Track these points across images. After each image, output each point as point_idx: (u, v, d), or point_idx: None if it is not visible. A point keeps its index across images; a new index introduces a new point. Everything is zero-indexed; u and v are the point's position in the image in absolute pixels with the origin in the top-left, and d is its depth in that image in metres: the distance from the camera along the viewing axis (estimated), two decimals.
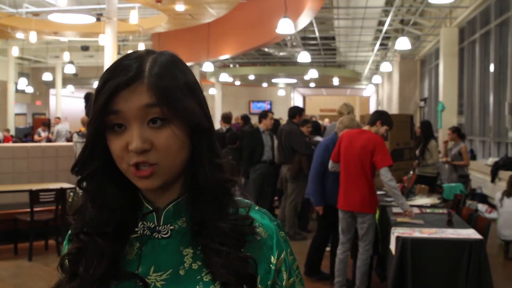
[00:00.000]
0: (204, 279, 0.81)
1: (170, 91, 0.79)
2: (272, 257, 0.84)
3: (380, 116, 4.39)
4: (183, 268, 0.83)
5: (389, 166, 4.20)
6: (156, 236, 0.85)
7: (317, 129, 8.09)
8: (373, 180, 4.32)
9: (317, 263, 5.10)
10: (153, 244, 0.85)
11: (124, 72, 0.79)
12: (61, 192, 5.70)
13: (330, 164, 4.54)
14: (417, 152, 6.96)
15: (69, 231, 0.89)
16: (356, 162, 4.24)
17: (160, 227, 0.85)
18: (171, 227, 0.85)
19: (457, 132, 7.80)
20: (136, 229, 0.86)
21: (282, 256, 0.85)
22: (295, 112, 6.97)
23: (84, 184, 0.86)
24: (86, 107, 4.54)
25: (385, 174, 4.16)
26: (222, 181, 0.84)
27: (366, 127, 4.39)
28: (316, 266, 5.10)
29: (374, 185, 4.37)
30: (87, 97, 4.53)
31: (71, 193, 4.95)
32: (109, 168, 0.83)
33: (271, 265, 0.84)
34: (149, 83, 0.79)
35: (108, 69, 0.82)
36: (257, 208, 0.89)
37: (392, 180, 4.18)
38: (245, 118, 9.64)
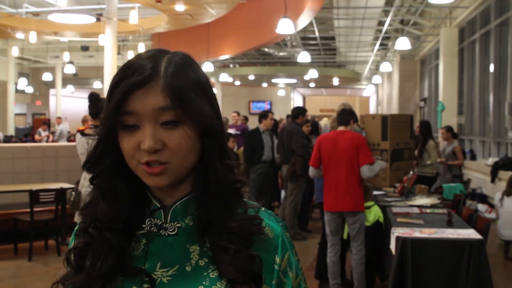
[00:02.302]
0: (211, 275, 0.82)
1: (184, 92, 0.80)
2: (277, 257, 0.85)
3: (351, 115, 4.48)
4: (190, 264, 0.83)
5: (370, 164, 4.25)
6: (163, 233, 0.86)
7: (316, 128, 8.08)
8: (361, 178, 4.35)
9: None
10: (159, 241, 0.85)
11: (139, 72, 0.80)
12: (61, 192, 5.70)
13: (311, 170, 4.48)
14: (416, 152, 6.97)
15: (76, 226, 0.90)
16: (345, 163, 4.26)
17: (167, 224, 0.86)
18: (178, 225, 0.85)
19: (451, 132, 7.82)
20: (143, 226, 0.87)
21: (286, 256, 0.86)
22: (298, 112, 6.98)
23: (96, 181, 0.87)
24: (90, 106, 4.54)
25: (366, 173, 4.23)
26: (232, 182, 0.85)
27: (341, 128, 4.42)
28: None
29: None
30: (91, 97, 4.52)
31: (72, 192, 4.95)
32: (119, 165, 0.84)
33: (275, 265, 0.84)
34: (164, 83, 0.79)
35: (122, 67, 0.82)
36: (263, 209, 0.90)
37: (372, 172, 4.26)
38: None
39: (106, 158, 0.85)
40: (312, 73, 17.09)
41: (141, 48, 12.55)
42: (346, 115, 4.46)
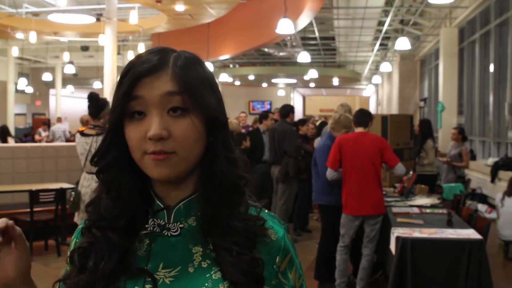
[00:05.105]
0: (214, 277, 0.82)
1: (193, 83, 0.82)
2: (278, 258, 0.85)
3: (370, 117, 4.48)
4: (192, 265, 0.83)
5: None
6: (166, 234, 0.86)
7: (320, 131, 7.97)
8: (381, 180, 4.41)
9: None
10: (162, 241, 0.86)
11: (148, 62, 0.81)
12: (61, 192, 5.70)
13: (330, 172, 4.42)
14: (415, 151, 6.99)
15: (80, 225, 0.91)
16: (369, 165, 4.27)
17: (170, 225, 0.86)
18: (181, 225, 0.86)
19: (462, 134, 7.82)
20: (146, 226, 0.87)
21: (287, 258, 0.86)
22: (288, 110, 6.84)
23: (102, 175, 0.88)
24: (89, 106, 4.53)
25: (402, 169, 4.33)
26: (236, 176, 0.86)
27: (360, 129, 4.41)
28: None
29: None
30: (91, 97, 4.52)
31: (72, 193, 4.95)
32: (125, 160, 0.85)
33: (274, 266, 0.85)
34: (173, 73, 0.81)
35: (131, 61, 0.84)
36: (266, 211, 0.90)
37: (404, 169, 4.42)
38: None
39: (112, 151, 0.85)
40: (312, 73, 17.08)
41: (141, 48, 12.55)
42: (364, 116, 4.45)
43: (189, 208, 0.86)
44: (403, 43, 9.44)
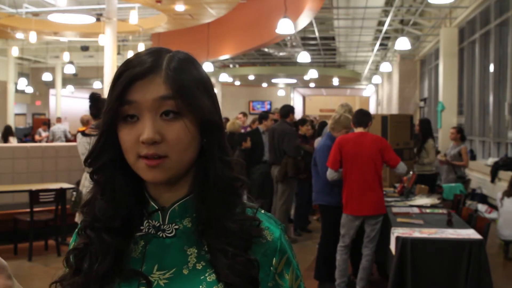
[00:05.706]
0: (208, 279, 0.81)
1: (186, 85, 0.81)
2: (274, 260, 0.84)
3: (369, 117, 4.48)
4: (187, 267, 0.83)
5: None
6: (161, 235, 0.85)
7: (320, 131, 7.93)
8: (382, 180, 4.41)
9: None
10: (157, 243, 0.85)
11: (141, 64, 0.81)
12: (61, 192, 5.70)
13: (330, 173, 4.41)
14: (415, 150, 6.97)
15: (79, 225, 0.90)
16: (370, 165, 4.27)
17: (165, 226, 0.85)
18: (176, 227, 0.85)
19: (461, 133, 7.82)
20: (141, 227, 0.86)
21: (283, 259, 0.85)
22: (288, 110, 6.81)
23: (96, 176, 0.87)
24: (91, 107, 4.54)
25: (403, 168, 4.34)
26: (232, 179, 0.85)
27: (360, 129, 4.41)
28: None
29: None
30: (92, 97, 4.53)
31: (73, 193, 4.95)
32: (119, 162, 0.84)
33: (271, 268, 0.84)
34: (166, 76, 0.80)
35: (124, 62, 0.83)
36: (263, 211, 0.89)
37: (405, 168, 4.45)
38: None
39: (106, 153, 0.85)
40: (312, 73, 17.07)
41: (141, 48, 12.55)
42: (363, 116, 4.44)
43: (184, 209, 0.85)
44: (403, 43, 9.44)
